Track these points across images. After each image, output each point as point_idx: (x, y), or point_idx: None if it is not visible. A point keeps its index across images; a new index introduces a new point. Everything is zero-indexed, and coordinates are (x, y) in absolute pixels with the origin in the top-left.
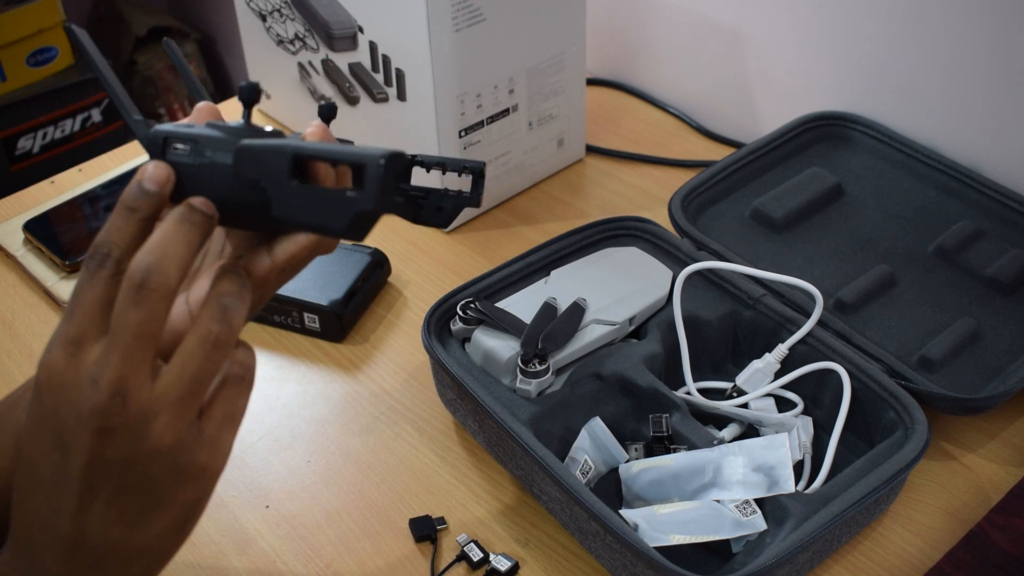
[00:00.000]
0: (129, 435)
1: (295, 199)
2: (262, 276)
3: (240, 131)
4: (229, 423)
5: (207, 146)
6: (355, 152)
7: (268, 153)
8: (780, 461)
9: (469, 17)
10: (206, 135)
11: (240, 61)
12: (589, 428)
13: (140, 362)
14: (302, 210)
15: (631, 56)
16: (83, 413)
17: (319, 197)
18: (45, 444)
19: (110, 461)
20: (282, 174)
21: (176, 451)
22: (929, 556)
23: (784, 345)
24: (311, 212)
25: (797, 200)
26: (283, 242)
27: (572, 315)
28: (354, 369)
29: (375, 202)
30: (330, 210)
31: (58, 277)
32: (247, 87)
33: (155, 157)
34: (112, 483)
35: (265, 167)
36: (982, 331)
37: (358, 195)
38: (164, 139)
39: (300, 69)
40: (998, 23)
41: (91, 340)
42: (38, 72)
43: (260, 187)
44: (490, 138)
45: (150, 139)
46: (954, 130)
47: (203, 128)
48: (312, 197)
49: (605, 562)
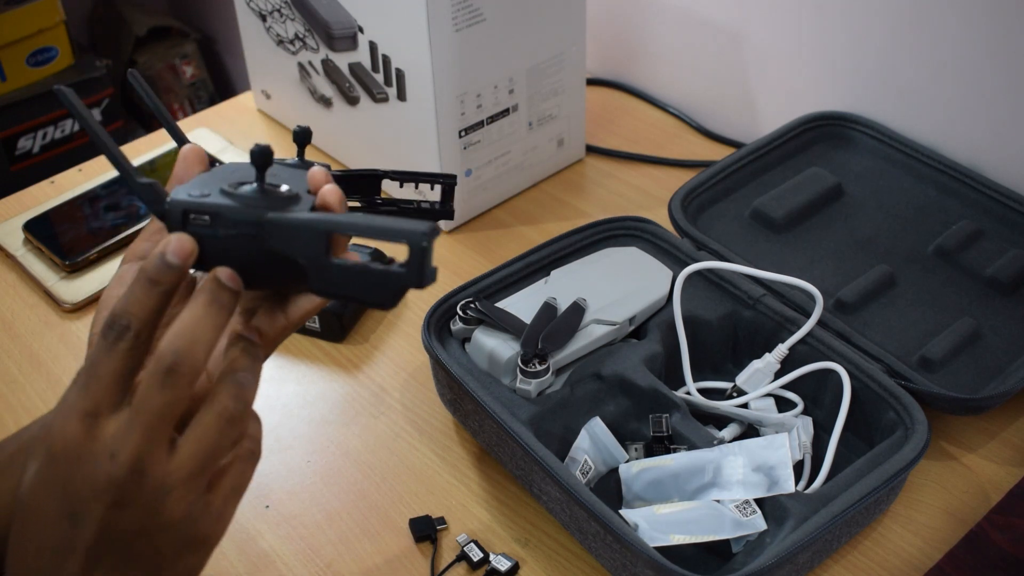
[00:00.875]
0: (143, 509)
1: (335, 276)
2: (275, 334)
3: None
4: (235, 496)
5: (228, 219)
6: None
7: (302, 231)
8: (780, 461)
9: (469, 17)
10: (226, 206)
11: (240, 61)
12: (589, 428)
13: (160, 439)
14: (344, 285)
15: (631, 56)
16: (99, 486)
17: (362, 274)
18: (52, 511)
19: (121, 532)
20: (319, 252)
21: (185, 523)
22: (929, 556)
23: (784, 345)
24: (353, 287)
25: (797, 200)
26: (297, 304)
27: (572, 315)
28: (354, 369)
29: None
30: (374, 286)
31: (58, 277)
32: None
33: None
34: (119, 554)
35: (299, 244)
36: (982, 331)
37: (406, 273)
38: (182, 212)
39: (300, 69)
40: (999, 23)
41: (108, 412)
42: (38, 72)
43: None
44: (490, 138)
45: (168, 213)
46: (954, 130)
47: (219, 196)
48: (354, 274)
49: (605, 562)
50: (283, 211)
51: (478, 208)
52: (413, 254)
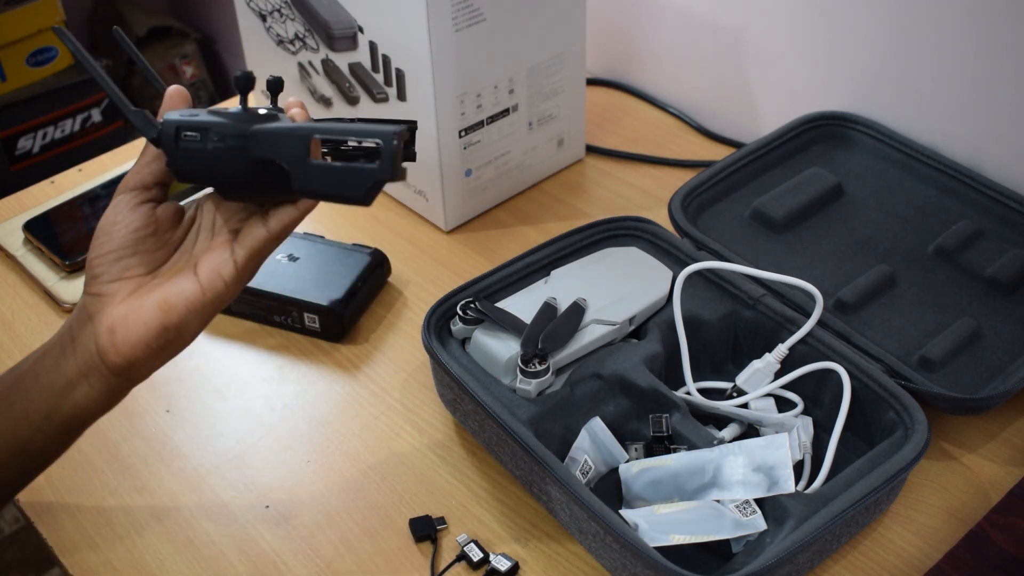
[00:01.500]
0: None
1: (315, 175)
2: (259, 247)
3: (241, 116)
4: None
5: (217, 133)
6: (370, 130)
7: (285, 137)
8: (780, 461)
9: (469, 17)
10: (215, 122)
11: (240, 61)
12: (589, 428)
13: None
14: (323, 184)
15: (631, 56)
16: None
17: (338, 171)
18: None
19: None
20: (301, 154)
21: None
22: (929, 556)
23: (784, 345)
24: (331, 184)
25: (797, 200)
26: (278, 213)
27: (572, 315)
28: (354, 369)
29: (392, 173)
30: (350, 182)
31: (58, 277)
32: (243, 76)
33: (167, 146)
34: None
35: (283, 149)
36: (982, 331)
37: (377, 167)
38: (175, 128)
39: (300, 69)
40: (998, 23)
41: None
42: (38, 72)
43: (276, 166)
44: (490, 138)
45: (162, 129)
46: (954, 130)
47: (207, 115)
48: (331, 172)
49: (605, 562)
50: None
51: (478, 208)
52: (384, 149)
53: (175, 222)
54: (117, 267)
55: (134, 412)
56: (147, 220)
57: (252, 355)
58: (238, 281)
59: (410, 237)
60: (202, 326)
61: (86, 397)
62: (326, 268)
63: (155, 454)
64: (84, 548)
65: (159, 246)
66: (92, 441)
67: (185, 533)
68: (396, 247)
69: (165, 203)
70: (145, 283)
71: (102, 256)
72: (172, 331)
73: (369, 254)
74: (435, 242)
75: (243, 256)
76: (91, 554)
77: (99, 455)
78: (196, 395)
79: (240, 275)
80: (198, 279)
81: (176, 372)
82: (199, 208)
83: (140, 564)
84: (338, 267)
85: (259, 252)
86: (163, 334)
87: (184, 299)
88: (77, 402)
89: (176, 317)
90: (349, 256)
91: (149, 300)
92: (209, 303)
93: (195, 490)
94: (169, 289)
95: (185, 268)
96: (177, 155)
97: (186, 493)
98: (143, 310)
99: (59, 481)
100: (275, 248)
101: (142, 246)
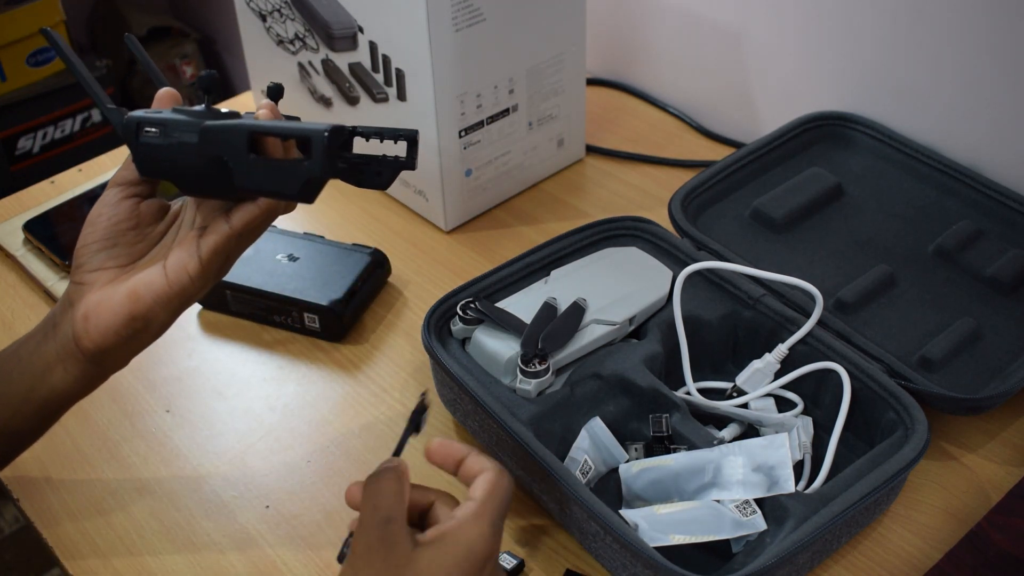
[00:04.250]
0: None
1: (254, 171)
2: (222, 242)
3: (203, 114)
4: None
5: (174, 128)
6: (302, 128)
7: (228, 132)
8: (780, 461)
9: (469, 17)
10: (173, 119)
11: (240, 61)
12: (589, 428)
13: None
14: (260, 179)
15: (631, 56)
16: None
17: (274, 168)
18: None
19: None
20: (241, 150)
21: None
22: (929, 556)
23: (784, 345)
24: (268, 181)
25: (797, 200)
26: (240, 210)
27: (572, 315)
28: (354, 369)
29: (322, 169)
30: (284, 178)
31: (58, 277)
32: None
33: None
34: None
35: (226, 144)
36: (982, 331)
37: (308, 164)
38: (136, 123)
39: (300, 69)
40: (998, 23)
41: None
42: (38, 72)
43: (223, 162)
44: (490, 138)
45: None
46: (954, 130)
47: (170, 113)
48: (268, 168)
49: (605, 562)
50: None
51: (478, 208)
52: (314, 146)
53: (158, 217)
54: (98, 257)
55: (134, 412)
56: (130, 214)
57: (252, 355)
58: (203, 276)
59: (410, 237)
60: (171, 318)
61: (62, 381)
62: (326, 268)
63: (155, 454)
64: (84, 548)
65: (139, 239)
66: (92, 441)
67: (185, 533)
68: (396, 247)
69: (150, 199)
70: (122, 274)
71: (86, 246)
72: (139, 320)
73: (369, 254)
74: (435, 242)
75: (207, 252)
76: (91, 554)
77: (99, 455)
78: (196, 395)
79: (205, 270)
80: (165, 272)
81: (176, 372)
82: (183, 205)
83: (140, 564)
84: (338, 267)
85: (223, 248)
86: (131, 323)
87: (151, 291)
88: (54, 385)
89: (143, 307)
90: (349, 256)
91: (120, 289)
92: (175, 296)
93: (195, 490)
94: (139, 280)
95: (155, 260)
96: (138, 150)
97: (186, 493)
98: (114, 299)
99: (59, 481)
100: (245, 246)
101: (123, 238)
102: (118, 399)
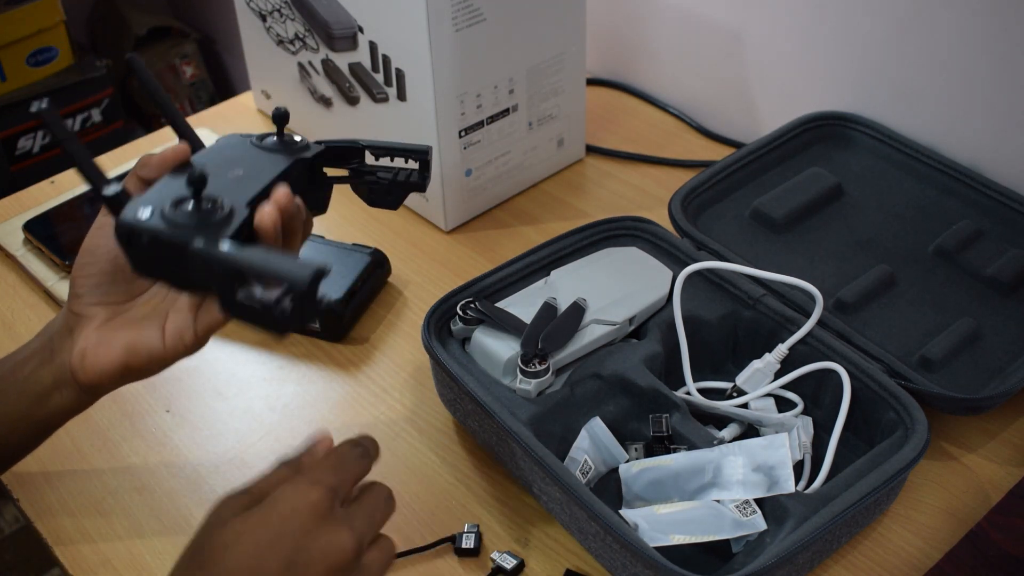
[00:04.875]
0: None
1: (239, 307)
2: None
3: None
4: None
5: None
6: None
7: (214, 264)
8: (780, 461)
9: (469, 17)
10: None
11: (240, 61)
12: (589, 428)
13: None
14: (246, 315)
15: (631, 56)
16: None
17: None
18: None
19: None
20: (227, 291)
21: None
22: (929, 556)
23: (784, 345)
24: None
25: (797, 200)
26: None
27: (572, 315)
28: (354, 369)
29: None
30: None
31: (58, 277)
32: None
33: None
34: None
35: (211, 276)
36: (982, 331)
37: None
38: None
39: (300, 69)
40: (998, 23)
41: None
42: (38, 72)
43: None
44: (490, 138)
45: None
46: (954, 130)
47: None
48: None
49: (605, 562)
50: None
51: (478, 208)
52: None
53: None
54: (97, 292)
55: (134, 412)
56: None
57: (252, 355)
58: (197, 345)
59: (410, 237)
60: (162, 369)
61: (59, 405)
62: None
63: (155, 454)
64: (84, 548)
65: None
66: (92, 441)
67: (185, 533)
68: (396, 247)
69: None
70: (121, 311)
71: (84, 278)
72: (134, 372)
73: (369, 254)
74: (435, 242)
75: (203, 330)
76: (91, 554)
77: (99, 455)
78: (196, 395)
79: (200, 342)
80: (163, 337)
81: (176, 372)
82: None
83: (140, 564)
84: (338, 267)
85: (219, 327)
86: (125, 372)
87: (147, 350)
88: (51, 409)
89: (138, 362)
90: (349, 256)
91: (118, 339)
92: (170, 358)
93: (195, 490)
94: (137, 336)
95: (155, 317)
96: (129, 253)
97: (186, 493)
98: (111, 346)
99: (59, 481)
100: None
101: (121, 275)
102: (118, 399)
